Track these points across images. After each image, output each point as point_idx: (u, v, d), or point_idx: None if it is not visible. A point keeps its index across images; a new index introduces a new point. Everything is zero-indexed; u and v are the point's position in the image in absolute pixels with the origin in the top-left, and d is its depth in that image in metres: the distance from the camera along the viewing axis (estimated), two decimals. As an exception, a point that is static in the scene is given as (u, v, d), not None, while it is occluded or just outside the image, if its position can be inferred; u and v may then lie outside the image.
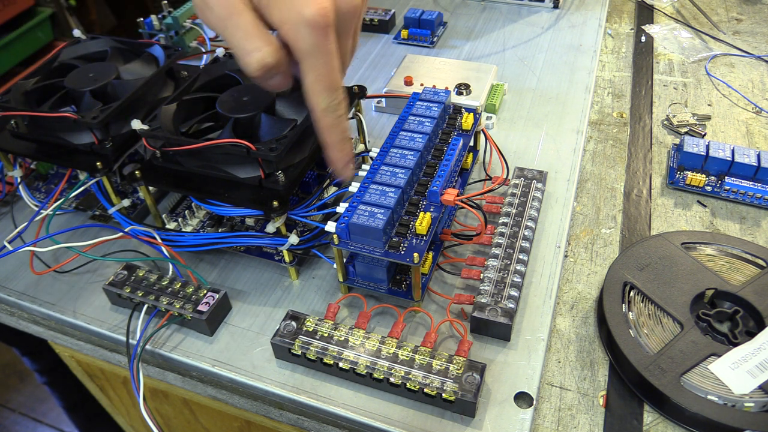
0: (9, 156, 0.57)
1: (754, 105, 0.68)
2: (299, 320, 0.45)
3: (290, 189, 0.47)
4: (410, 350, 0.42)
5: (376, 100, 0.70)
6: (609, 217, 0.57)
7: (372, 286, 0.48)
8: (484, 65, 0.69)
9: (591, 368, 0.45)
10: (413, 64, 0.71)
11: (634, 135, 0.66)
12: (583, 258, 0.53)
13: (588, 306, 0.49)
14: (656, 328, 0.44)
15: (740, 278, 0.47)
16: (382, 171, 0.48)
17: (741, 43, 0.78)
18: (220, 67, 0.55)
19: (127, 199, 0.55)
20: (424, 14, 0.81)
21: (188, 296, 0.48)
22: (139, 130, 0.48)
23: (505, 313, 0.44)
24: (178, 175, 0.49)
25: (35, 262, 0.53)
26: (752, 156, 0.56)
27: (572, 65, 0.74)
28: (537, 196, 0.53)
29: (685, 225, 0.55)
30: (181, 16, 0.77)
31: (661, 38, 0.80)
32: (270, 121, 0.49)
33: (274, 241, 0.49)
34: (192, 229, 0.53)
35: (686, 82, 0.73)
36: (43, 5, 1.68)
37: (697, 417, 0.40)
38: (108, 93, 0.54)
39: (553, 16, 0.85)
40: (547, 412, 0.43)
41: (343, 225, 0.44)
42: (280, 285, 0.52)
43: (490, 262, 0.48)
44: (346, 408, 0.43)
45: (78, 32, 0.61)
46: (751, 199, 0.56)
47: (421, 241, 0.44)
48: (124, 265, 0.50)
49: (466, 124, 0.55)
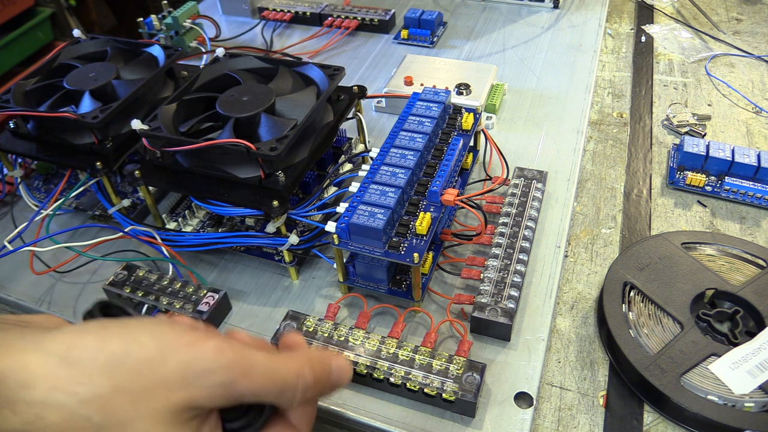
0: (9, 156, 0.57)
1: (754, 105, 0.68)
2: (299, 320, 0.45)
3: (290, 189, 0.47)
4: (410, 350, 0.42)
5: (376, 100, 0.70)
6: (609, 217, 0.57)
7: (372, 286, 0.48)
8: (484, 65, 0.69)
9: (591, 368, 0.45)
10: (413, 64, 0.71)
11: (634, 135, 0.66)
12: (583, 258, 0.53)
13: (588, 306, 0.49)
14: (656, 328, 0.44)
15: (740, 278, 0.47)
16: (382, 171, 0.48)
17: (741, 43, 0.78)
18: (220, 67, 0.55)
19: (127, 199, 0.55)
20: (424, 14, 0.81)
21: (188, 296, 0.48)
22: (139, 130, 0.48)
23: (505, 313, 0.44)
24: (178, 175, 0.49)
25: (35, 262, 0.53)
26: (752, 156, 0.56)
27: (572, 65, 0.74)
28: (537, 196, 0.53)
29: (685, 225, 0.55)
30: (181, 16, 0.77)
31: (661, 38, 0.80)
32: (270, 121, 0.49)
33: (274, 241, 0.49)
34: (192, 229, 0.53)
35: (686, 82, 0.73)
36: (43, 5, 1.68)
37: (697, 417, 0.40)
38: (108, 93, 0.54)
39: (553, 16, 0.85)
40: (547, 412, 0.43)
41: (343, 225, 0.44)
42: (280, 285, 0.52)
43: (490, 262, 0.48)
44: (346, 408, 0.42)
45: (78, 32, 0.61)
46: (751, 199, 0.56)
47: (421, 241, 0.44)
48: (124, 265, 0.50)
49: (466, 124, 0.54)
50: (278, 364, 0.30)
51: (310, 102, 0.51)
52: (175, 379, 0.27)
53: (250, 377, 0.28)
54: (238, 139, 0.45)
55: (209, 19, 0.81)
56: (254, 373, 0.28)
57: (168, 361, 0.27)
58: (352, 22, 0.84)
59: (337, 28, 0.84)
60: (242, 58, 0.56)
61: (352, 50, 0.81)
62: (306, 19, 0.86)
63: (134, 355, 0.27)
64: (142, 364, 0.27)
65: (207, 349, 0.28)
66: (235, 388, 0.28)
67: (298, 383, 0.30)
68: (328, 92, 0.52)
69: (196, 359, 0.27)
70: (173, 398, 0.27)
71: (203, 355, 0.27)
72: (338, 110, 0.54)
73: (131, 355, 0.27)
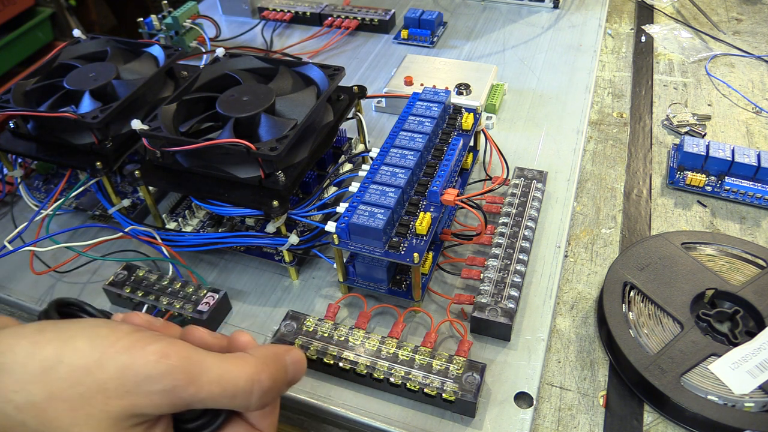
0: (9, 156, 0.57)
1: (754, 105, 0.68)
2: (299, 320, 0.45)
3: (290, 189, 0.47)
4: (410, 350, 0.42)
5: (376, 100, 0.70)
6: (609, 217, 0.57)
7: (372, 286, 0.48)
8: (484, 65, 0.69)
9: (591, 368, 0.45)
10: (413, 64, 0.71)
11: (634, 135, 0.66)
12: (583, 258, 0.53)
13: (588, 306, 0.49)
14: (656, 328, 0.44)
15: (740, 278, 0.47)
16: (382, 171, 0.48)
17: (741, 43, 0.78)
18: (220, 67, 0.55)
19: (127, 199, 0.55)
20: (424, 14, 0.81)
21: (188, 296, 0.48)
22: (139, 130, 0.48)
23: (505, 313, 0.44)
24: (178, 175, 0.49)
25: (35, 262, 0.53)
26: (752, 156, 0.56)
27: (572, 65, 0.74)
28: (537, 196, 0.53)
29: (685, 225, 0.55)
30: (181, 16, 0.77)
31: (661, 38, 0.80)
32: (270, 121, 0.49)
33: (274, 241, 0.49)
34: (192, 229, 0.53)
35: (686, 82, 0.73)
36: (43, 5, 1.68)
37: (697, 417, 0.40)
38: (108, 93, 0.54)
39: (553, 16, 0.85)
40: (547, 412, 0.43)
41: (343, 225, 0.44)
42: (280, 285, 0.52)
43: (490, 262, 0.48)
44: (346, 408, 0.43)
45: (78, 32, 0.61)
46: (751, 199, 0.56)
47: (421, 241, 0.44)
48: (124, 265, 0.50)
49: (466, 124, 0.54)
50: (230, 369, 0.28)
51: (310, 102, 0.51)
52: (114, 386, 0.26)
53: (197, 384, 0.27)
54: (238, 139, 0.45)
55: (209, 19, 0.81)
56: (202, 379, 0.27)
57: (105, 367, 0.26)
58: (352, 22, 0.84)
59: (337, 28, 0.84)
60: (242, 58, 0.56)
61: (352, 50, 0.81)
62: (306, 19, 0.86)
63: (68, 361, 0.26)
64: (77, 371, 0.26)
65: (147, 354, 0.26)
66: (178, 395, 0.27)
67: (252, 388, 0.28)
68: (328, 92, 0.52)
69: (136, 364, 0.26)
70: (113, 405, 0.26)
71: (143, 361, 0.26)
72: (338, 110, 0.54)
73: (65, 360, 0.26)
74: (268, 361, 0.30)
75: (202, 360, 0.27)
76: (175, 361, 0.27)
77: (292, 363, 0.31)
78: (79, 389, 0.26)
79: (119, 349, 0.26)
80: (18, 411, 0.25)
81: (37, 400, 0.25)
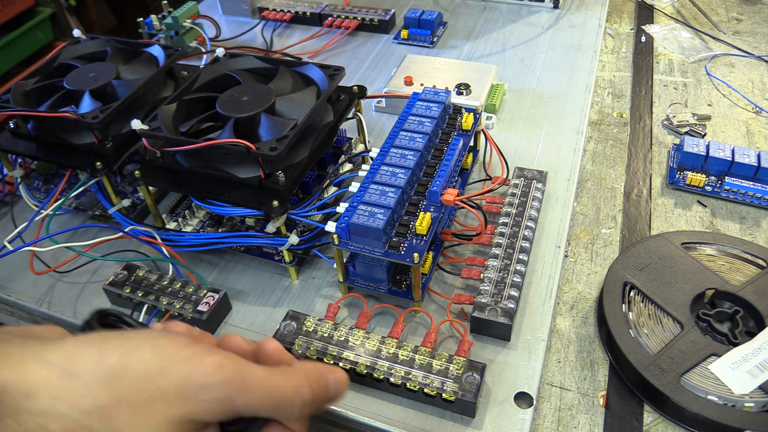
0: (9, 156, 0.57)
1: (754, 105, 0.68)
2: (299, 320, 0.45)
3: (290, 189, 0.47)
4: (410, 350, 0.42)
5: (376, 100, 0.70)
6: (609, 217, 0.57)
7: (372, 286, 0.48)
8: (484, 65, 0.69)
9: (591, 368, 0.45)
10: (413, 64, 0.71)
11: (634, 135, 0.66)
12: (583, 258, 0.53)
13: (588, 306, 0.49)
14: (656, 328, 0.44)
15: (740, 278, 0.47)
16: (382, 171, 0.48)
17: (741, 43, 0.78)
18: (220, 67, 0.55)
19: (127, 199, 0.55)
20: (424, 14, 0.81)
21: (188, 296, 0.48)
22: (139, 130, 0.48)
23: (505, 313, 0.44)
24: (178, 175, 0.49)
25: (35, 262, 0.53)
26: (752, 156, 0.56)
27: (572, 65, 0.74)
28: (537, 196, 0.53)
29: (685, 225, 0.55)
30: (181, 16, 0.77)
31: (661, 38, 0.80)
32: (270, 121, 0.49)
33: (274, 241, 0.49)
34: (192, 229, 0.53)
35: (686, 82, 0.73)
36: (43, 5, 1.68)
37: (697, 417, 0.40)
38: (108, 93, 0.54)
39: (553, 16, 0.85)
40: (547, 412, 0.43)
41: (343, 225, 0.44)
42: (280, 285, 0.52)
43: (490, 262, 0.48)
44: (346, 408, 0.42)
45: (78, 32, 0.61)
46: (751, 199, 0.56)
47: (421, 241, 0.44)
48: (124, 265, 0.50)
49: (466, 124, 0.54)
50: (277, 381, 0.30)
51: (310, 102, 0.51)
52: (175, 393, 0.27)
53: (248, 394, 0.29)
54: (238, 139, 0.45)
55: (209, 19, 0.81)
56: (253, 389, 0.29)
57: (168, 375, 0.28)
58: (352, 22, 0.84)
59: (337, 28, 0.84)
60: (242, 58, 0.56)
61: (352, 50, 0.81)
62: (306, 19, 0.86)
63: (134, 369, 0.27)
64: (142, 378, 0.27)
65: (207, 365, 0.28)
66: (233, 403, 0.28)
67: (296, 400, 0.30)
68: (328, 92, 0.52)
69: (196, 374, 0.28)
70: (172, 411, 0.27)
71: (203, 371, 0.28)
72: (338, 110, 0.54)
73: (130, 368, 0.27)
74: (312, 376, 0.31)
75: (253, 372, 0.29)
76: (230, 372, 0.28)
77: (335, 382, 0.33)
78: (143, 395, 0.27)
79: (181, 360, 0.28)
80: (84, 415, 0.26)
81: (104, 405, 0.27)
